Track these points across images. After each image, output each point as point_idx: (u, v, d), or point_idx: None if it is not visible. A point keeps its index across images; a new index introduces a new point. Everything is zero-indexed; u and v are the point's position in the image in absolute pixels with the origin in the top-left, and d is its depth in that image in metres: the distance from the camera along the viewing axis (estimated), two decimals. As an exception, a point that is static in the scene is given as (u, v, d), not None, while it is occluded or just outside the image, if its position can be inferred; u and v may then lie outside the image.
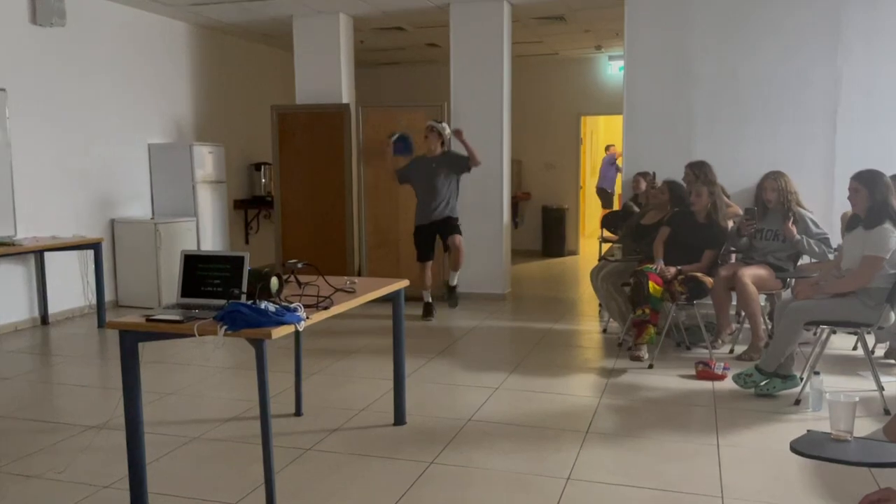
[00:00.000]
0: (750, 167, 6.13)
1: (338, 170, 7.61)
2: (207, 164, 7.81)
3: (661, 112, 6.59)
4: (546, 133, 11.14)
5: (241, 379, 4.74)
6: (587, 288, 7.39)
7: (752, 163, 6.19)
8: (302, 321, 2.69)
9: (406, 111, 7.46)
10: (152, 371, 4.76)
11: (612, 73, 10.75)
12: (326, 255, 7.35)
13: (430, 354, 5.27)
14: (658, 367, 4.83)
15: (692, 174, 5.67)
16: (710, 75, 6.44)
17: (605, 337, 5.87)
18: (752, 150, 6.33)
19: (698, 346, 5.32)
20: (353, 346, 5.58)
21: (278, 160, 7.78)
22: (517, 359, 5.19)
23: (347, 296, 3.18)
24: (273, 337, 2.54)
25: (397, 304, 3.66)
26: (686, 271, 5.03)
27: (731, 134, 6.39)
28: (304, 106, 7.74)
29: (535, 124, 11.04)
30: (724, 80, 6.41)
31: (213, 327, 2.57)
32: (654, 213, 5.72)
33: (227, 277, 2.88)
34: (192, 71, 8.33)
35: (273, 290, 2.90)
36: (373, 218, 7.50)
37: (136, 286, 7.14)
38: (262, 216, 9.49)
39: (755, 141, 6.35)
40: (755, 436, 3.64)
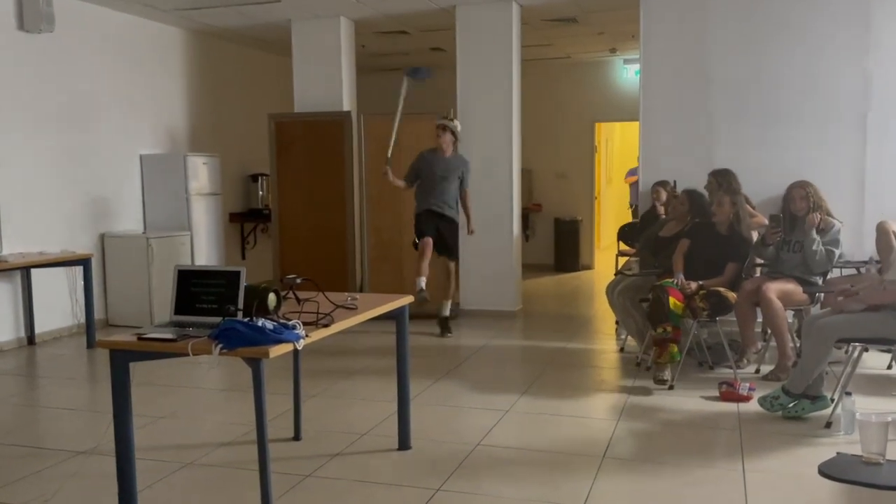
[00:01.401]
0: (774, 175, 6.12)
1: (338, 181, 7.64)
2: (202, 175, 7.85)
3: (680, 118, 6.60)
4: (558, 141, 11.17)
5: (237, 401, 4.74)
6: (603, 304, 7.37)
7: (776, 171, 6.19)
8: (301, 339, 2.69)
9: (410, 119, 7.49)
10: (144, 393, 4.76)
11: (627, 77, 10.78)
12: (326, 271, 7.37)
13: (437, 375, 5.26)
14: (679, 388, 4.81)
15: (715, 183, 5.68)
16: (732, 78, 6.46)
17: (622, 356, 5.85)
18: (776, 157, 6.33)
19: (721, 365, 5.30)
20: (355, 367, 5.57)
21: (276, 171, 7.81)
22: (529, 380, 5.17)
23: (348, 313, 3.19)
24: (271, 356, 2.55)
25: (401, 321, 3.66)
26: (708, 286, 5.02)
27: (755, 140, 6.40)
28: (303, 114, 7.79)
29: (546, 132, 11.07)
30: (746, 84, 6.42)
31: (208, 346, 2.57)
32: (673, 224, 5.71)
33: (223, 294, 2.88)
34: (187, 78, 8.39)
35: (271, 306, 2.90)
36: (375, 231, 7.52)
37: (128, 304, 7.17)
38: (259, 230, 9.51)
39: (780, 147, 6.35)
40: (783, 460, 3.61)
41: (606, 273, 8.52)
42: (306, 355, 3.97)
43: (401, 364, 3.71)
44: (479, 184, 7.25)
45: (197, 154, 7.91)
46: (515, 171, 7.52)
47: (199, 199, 7.81)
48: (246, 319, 2.70)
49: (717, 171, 5.77)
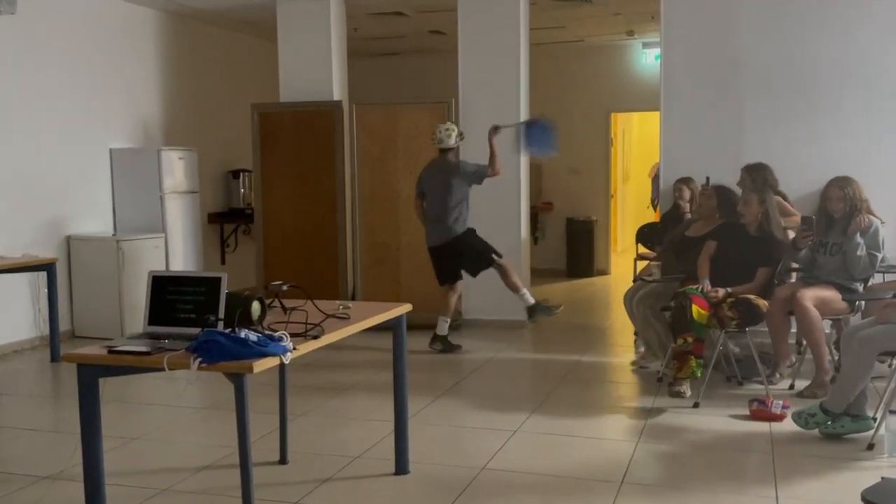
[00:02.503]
0: (811, 170, 6.12)
1: (328, 177, 7.64)
2: (178, 171, 7.86)
3: (705, 107, 6.60)
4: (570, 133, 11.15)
5: (218, 421, 4.73)
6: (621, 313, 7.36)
7: (813, 165, 6.19)
8: (288, 352, 2.69)
9: (407, 109, 7.51)
10: (115, 412, 4.76)
11: (646, 62, 10.79)
12: (316, 276, 7.37)
13: (437, 391, 5.26)
14: (705, 406, 4.80)
15: (749, 179, 5.67)
16: (763, 62, 6.46)
17: (641, 371, 5.85)
18: (813, 149, 6.32)
19: (752, 380, 5.29)
20: (348, 382, 5.57)
21: (260, 167, 7.82)
22: (539, 397, 5.17)
23: (340, 323, 3.18)
24: (255, 370, 2.55)
25: (398, 332, 3.66)
26: (736, 293, 5.01)
27: (789, 132, 6.40)
28: (289, 104, 7.79)
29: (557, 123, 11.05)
30: (778, 69, 6.42)
31: (186, 360, 2.57)
32: (700, 224, 5.71)
33: (202, 302, 2.89)
34: (161, 65, 8.40)
35: (254, 316, 2.90)
36: (369, 232, 7.53)
37: (96, 314, 7.17)
38: (241, 231, 9.52)
39: (818, 139, 6.34)
40: (821, 486, 3.61)
41: (624, 279, 8.52)
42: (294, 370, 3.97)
43: (398, 379, 3.71)
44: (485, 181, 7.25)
45: (172, 148, 7.91)
46: (523, 166, 7.53)
47: (175, 198, 7.81)
48: (227, 330, 2.70)
49: (750, 166, 5.77)
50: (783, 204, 5.65)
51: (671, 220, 6.44)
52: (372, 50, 10.91)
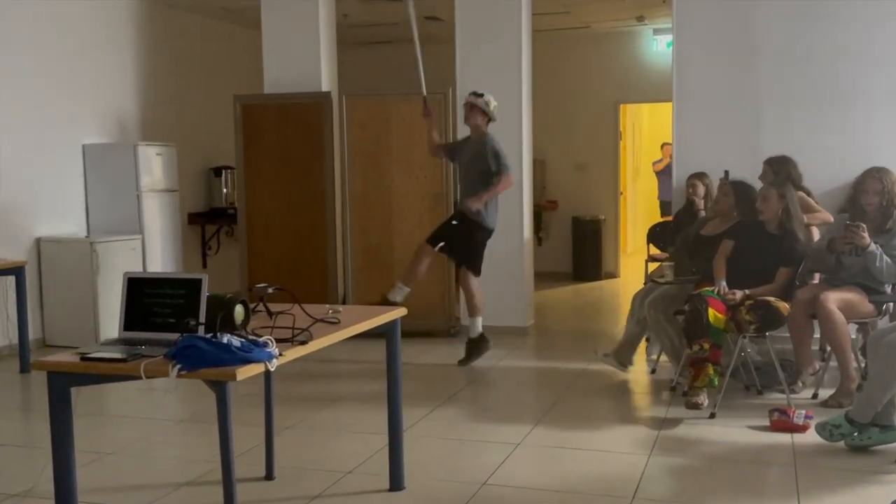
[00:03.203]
0: (836, 163, 6.11)
1: (317, 174, 7.64)
2: (156, 168, 7.85)
3: (721, 97, 6.60)
4: (576, 126, 11.18)
5: (199, 434, 4.72)
6: (631, 318, 7.37)
7: (838, 158, 6.17)
8: (273, 359, 2.69)
9: (401, 100, 7.50)
10: (88, 424, 4.75)
11: (657, 50, 10.80)
12: (303, 279, 7.36)
13: (435, 402, 5.25)
14: (722, 417, 4.80)
15: (772, 172, 5.67)
16: (783, 49, 6.45)
17: (653, 379, 5.85)
18: (838, 142, 6.30)
19: (772, 389, 5.29)
20: (338, 392, 5.56)
21: (243, 163, 7.81)
22: (543, 407, 5.16)
23: (330, 328, 3.18)
24: (238, 378, 2.54)
25: (392, 338, 3.66)
26: (755, 295, 5.01)
27: (811, 123, 6.38)
28: (274, 96, 7.79)
29: (562, 116, 11.09)
30: (799, 55, 6.41)
31: (164, 367, 2.57)
32: (717, 223, 5.71)
33: (181, 306, 2.88)
34: (137, 55, 8.39)
35: (238, 320, 2.90)
36: (360, 233, 7.52)
37: (69, 320, 7.15)
38: (223, 233, 9.51)
39: (842, 131, 6.32)
40: (847, 501, 3.61)
41: (634, 282, 8.52)
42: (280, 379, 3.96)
43: (392, 389, 3.71)
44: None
45: (150, 143, 7.90)
46: (526, 162, 7.52)
47: (153, 197, 7.80)
48: (209, 336, 2.69)
49: (773, 159, 5.77)
50: (806, 200, 5.64)
51: (684, 219, 6.44)
52: (363, 38, 10.91)
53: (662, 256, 7.33)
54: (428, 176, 7.37)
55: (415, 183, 7.40)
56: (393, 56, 11.33)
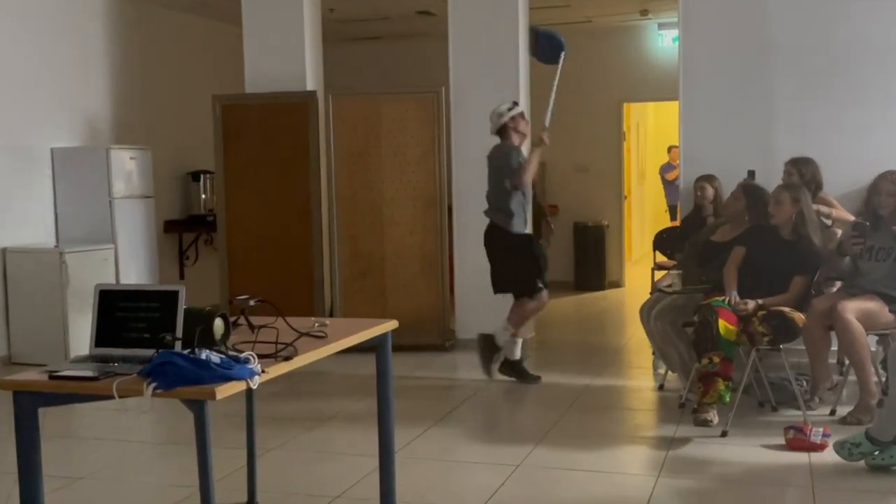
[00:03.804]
0: (852, 165, 6.12)
1: (302, 178, 7.63)
2: (129, 173, 7.84)
3: (731, 96, 6.62)
4: (577, 126, 11.19)
5: (176, 456, 4.70)
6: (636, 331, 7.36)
7: (855, 159, 6.18)
8: (256, 376, 2.67)
9: (391, 100, 7.51)
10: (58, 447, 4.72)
11: (663, 45, 10.85)
12: (288, 291, 7.35)
13: (428, 421, 5.24)
14: (734, 435, 4.80)
15: (798, 174, 5.67)
16: (796, 44, 6.47)
17: (661, 395, 5.85)
18: (855, 142, 6.33)
19: (788, 406, 5.29)
20: (325, 412, 5.55)
21: (223, 167, 7.80)
22: (545, 426, 5.15)
23: (316, 343, 3.17)
24: (218, 397, 2.52)
25: (383, 353, 3.64)
26: (769, 305, 5.02)
27: (827, 123, 6.40)
28: (256, 95, 7.79)
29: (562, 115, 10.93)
30: (814, 51, 6.43)
31: (138, 385, 2.55)
32: (727, 228, 5.72)
33: (157, 320, 2.87)
34: (109, 52, 8.38)
35: (217, 335, 2.88)
36: (349, 240, 7.51)
37: (37, 336, 7.13)
38: (201, 241, 9.50)
39: (859, 131, 6.35)
40: (867, 524, 3.61)
41: (640, 292, 8.53)
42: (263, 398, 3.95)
43: (382, 407, 3.69)
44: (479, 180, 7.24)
45: (123, 147, 7.89)
46: (524, 164, 7.53)
47: (127, 204, 7.79)
48: (186, 351, 2.68)
49: (799, 160, 5.78)
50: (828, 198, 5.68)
51: (693, 224, 6.45)
52: (350, 33, 10.92)
53: (670, 264, 7.34)
54: (420, 179, 7.37)
55: (407, 187, 7.40)
56: (382, 53, 11.39)
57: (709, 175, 6.50)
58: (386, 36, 11.25)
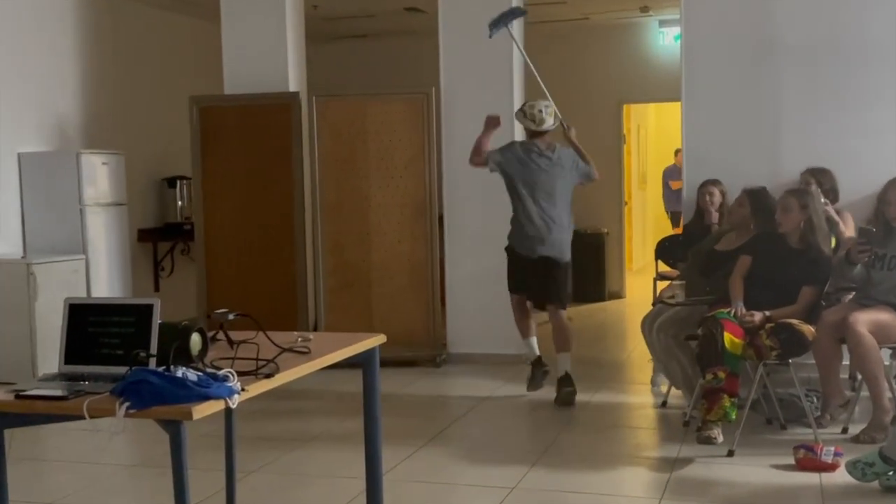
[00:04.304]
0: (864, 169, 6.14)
1: (284, 184, 7.63)
2: (101, 179, 7.83)
3: (736, 96, 6.64)
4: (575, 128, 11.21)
5: (150, 480, 4.69)
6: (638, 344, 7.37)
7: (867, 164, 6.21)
8: (235, 394, 2.67)
9: (378, 101, 7.52)
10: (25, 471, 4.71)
11: (664, 43, 10.89)
12: (269, 304, 7.33)
13: (419, 441, 5.23)
14: (741, 455, 4.80)
15: (815, 184, 5.68)
16: (804, 42, 6.48)
17: (664, 413, 5.85)
18: (867, 146, 6.34)
19: (797, 423, 5.30)
20: (308, 432, 5.54)
21: (201, 172, 7.80)
22: (541, 446, 5.15)
23: (299, 359, 3.17)
24: (195, 417, 2.52)
25: (370, 369, 3.64)
26: (777, 317, 5.03)
27: (837, 125, 6.41)
28: (235, 97, 7.79)
29: (559, 117, 11.10)
30: (824, 49, 6.44)
31: (111, 405, 2.54)
32: (733, 237, 5.74)
33: (130, 335, 2.87)
34: (80, 52, 8.37)
35: (194, 351, 2.88)
36: (334, 249, 7.51)
37: (2, 352, 7.08)
38: (178, 251, 9.48)
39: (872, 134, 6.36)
40: (881, 548, 3.61)
41: (642, 303, 8.53)
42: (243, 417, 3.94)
43: (370, 427, 3.69)
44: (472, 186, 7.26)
45: (95, 151, 7.87)
46: (519, 168, 7.53)
47: (98, 212, 7.77)
48: (161, 369, 2.68)
49: (816, 170, 5.80)
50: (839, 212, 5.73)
51: (696, 232, 6.46)
52: (335, 32, 10.93)
53: (673, 274, 7.35)
54: (409, 185, 7.38)
55: (395, 193, 7.41)
56: (369, 52, 11.41)
57: (714, 179, 6.50)
58: (372, 34, 11.27)
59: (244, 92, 7.79)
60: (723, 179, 6.49)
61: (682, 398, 5.78)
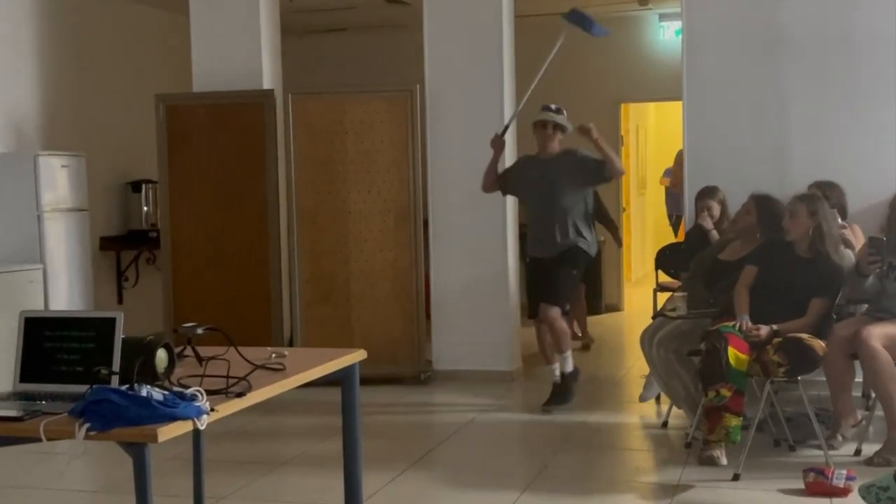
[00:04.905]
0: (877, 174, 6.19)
1: (257, 188, 7.62)
2: (61, 183, 7.80)
3: (740, 96, 6.66)
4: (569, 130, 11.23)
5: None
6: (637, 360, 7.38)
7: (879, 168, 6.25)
8: (204, 414, 2.66)
9: (358, 99, 7.52)
10: (-25, 499, 4.69)
11: (665, 39, 10.93)
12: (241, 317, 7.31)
13: (402, 464, 5.22)
14: (747, 479, 4.80)
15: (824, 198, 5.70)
16: (813, 37, 6.51)
17: (664, 434, 5.86)
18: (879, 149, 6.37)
19: (807, 444, 5.31)
20: (284, 454, 5.53)
21: (168, 176, 7.78)
22: (533, 469, 5.15)
23: (273, 376, 3.16)
24: (160, 439, 2.51)
25: (349, 387, 3.64)
26: (785, 331, 5.04)
27: (848, 126, 6.43)
28: (205, 95, 7.78)
29: (552, 117, 11.12)
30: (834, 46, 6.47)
31: (70, 426, 2.53)
32: (738, 245, 5.75)
33: (91, 351, 2.86)
34: (39, 45, 8.36)
35: (160, 368, 2.88)
36: (311, 259, 7.50)
37: (-49, 370, 7.06)
38: (143, 260, 9.45)
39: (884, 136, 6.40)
40: (896, 578, 3.62)
41: (641, 316, 8.55)
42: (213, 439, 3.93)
43: (349, 449, 3.69)
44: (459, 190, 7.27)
45: (54, 153, 7.85)
46: (510, 172, 7.54)
47: (57, 218, 7.74)
48: (124, 387, 2.67)
49: (822, 184, 5.82)
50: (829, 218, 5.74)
51: (699, 240, 6.47)
52: (313, 25, 10.93)
53: (674, 285, 7.36)
54: (392, 189, 7.38)
55: (376, 198, 7.40)
56: (348, 47, 11.40)
57: (711, 188, 6.44)
58: (352, 27, 11.27)
59: (215, 89, 7.77)
60: (726, 183, 6.47)
61: (684, 418, 5.79)
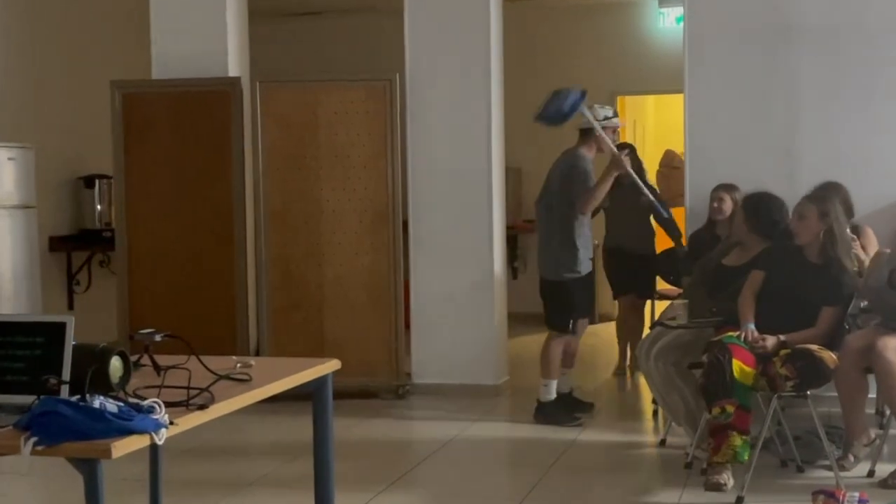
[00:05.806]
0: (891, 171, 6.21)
1: (222, 185, 7.60)
2: (6, 177, 7.81)
3: (744, 88, 6.70)
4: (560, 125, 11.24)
5: (61, 532, 4.66)
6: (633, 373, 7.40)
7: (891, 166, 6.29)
8: (162, 429, 2.65)
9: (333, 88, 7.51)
10: None
11: (665, 27, 10.98)
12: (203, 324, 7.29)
13: (378, 486, 5.23)
14: (752, 501, 4.82)
15: None
16: (823, 26, 6.55)
17: (663, 452, 5.87)
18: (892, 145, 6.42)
19: (816, 465, 5.34)
20: (248, 474, 5.52)
21: (124, 171, 7.76)
22: (521, 490, 5.15)
23: (238, 387, 3.16)
24: (114, 455, 2.50)
25: (321, 400, 3.63)
26: (793, 342, 5.06)
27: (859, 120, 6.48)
28: (165, 82, 7.76)
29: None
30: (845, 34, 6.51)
31: (15, 440, 2.52)
32: (742, 250, 5.76)
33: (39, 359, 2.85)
34: (-18, 26, 8.34)
35: (114, 378, 2.86)
36: (280, 263, 7.49)
37: None
38: (96, 261, 9.43)
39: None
40: None
41: (637, 326, 8.57)
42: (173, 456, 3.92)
43: (320, 469, 3.68)
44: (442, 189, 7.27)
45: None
46: (496, 171, 7.55)
47: (3, 215, 7.76)
48: (75, 398, 2.66)
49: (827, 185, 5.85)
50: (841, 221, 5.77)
51: (703, 243, 6.48)
52: (283, 8, 10.93)
53: (674, 292, 7.38)
54: (368, 188, 7.37)
55: (352, 197, 7.39)
56: (322, 32, 11.40)
57: (729, 184, 6.46)
58: (327, 11, 11.27)
59: (176, 77, 7.75)
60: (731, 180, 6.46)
61: (684, 436, 5.80)
